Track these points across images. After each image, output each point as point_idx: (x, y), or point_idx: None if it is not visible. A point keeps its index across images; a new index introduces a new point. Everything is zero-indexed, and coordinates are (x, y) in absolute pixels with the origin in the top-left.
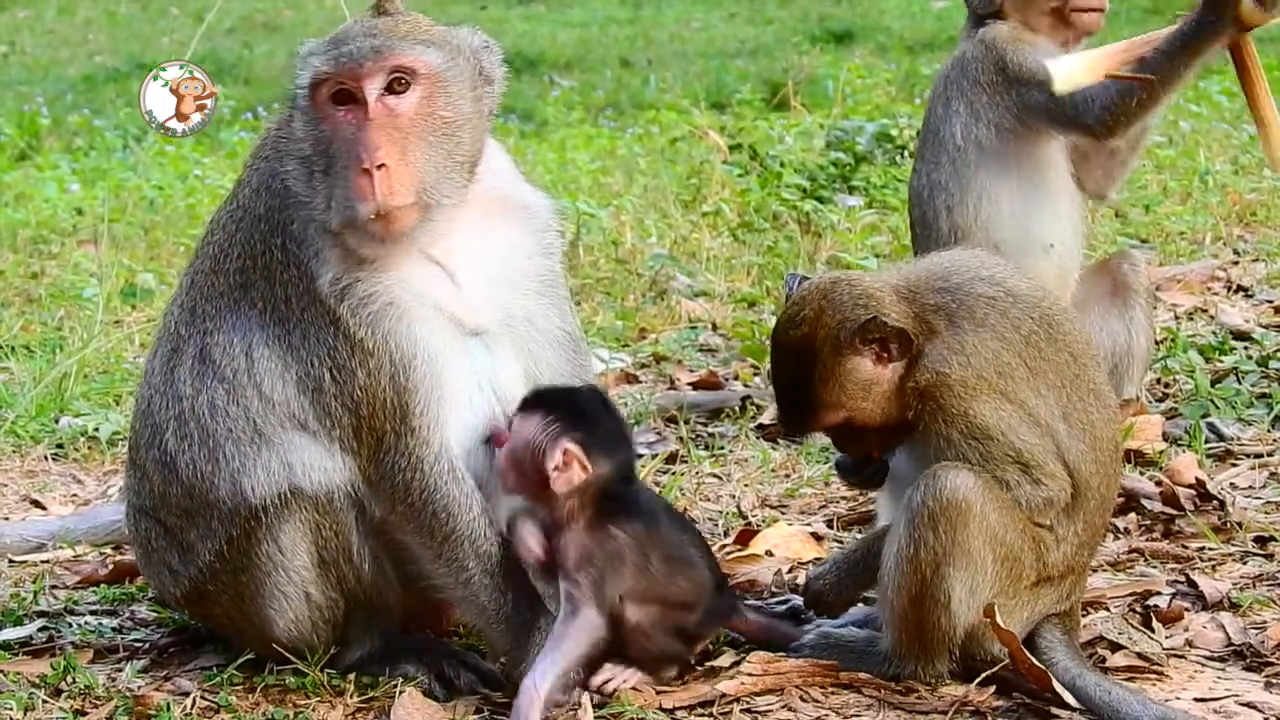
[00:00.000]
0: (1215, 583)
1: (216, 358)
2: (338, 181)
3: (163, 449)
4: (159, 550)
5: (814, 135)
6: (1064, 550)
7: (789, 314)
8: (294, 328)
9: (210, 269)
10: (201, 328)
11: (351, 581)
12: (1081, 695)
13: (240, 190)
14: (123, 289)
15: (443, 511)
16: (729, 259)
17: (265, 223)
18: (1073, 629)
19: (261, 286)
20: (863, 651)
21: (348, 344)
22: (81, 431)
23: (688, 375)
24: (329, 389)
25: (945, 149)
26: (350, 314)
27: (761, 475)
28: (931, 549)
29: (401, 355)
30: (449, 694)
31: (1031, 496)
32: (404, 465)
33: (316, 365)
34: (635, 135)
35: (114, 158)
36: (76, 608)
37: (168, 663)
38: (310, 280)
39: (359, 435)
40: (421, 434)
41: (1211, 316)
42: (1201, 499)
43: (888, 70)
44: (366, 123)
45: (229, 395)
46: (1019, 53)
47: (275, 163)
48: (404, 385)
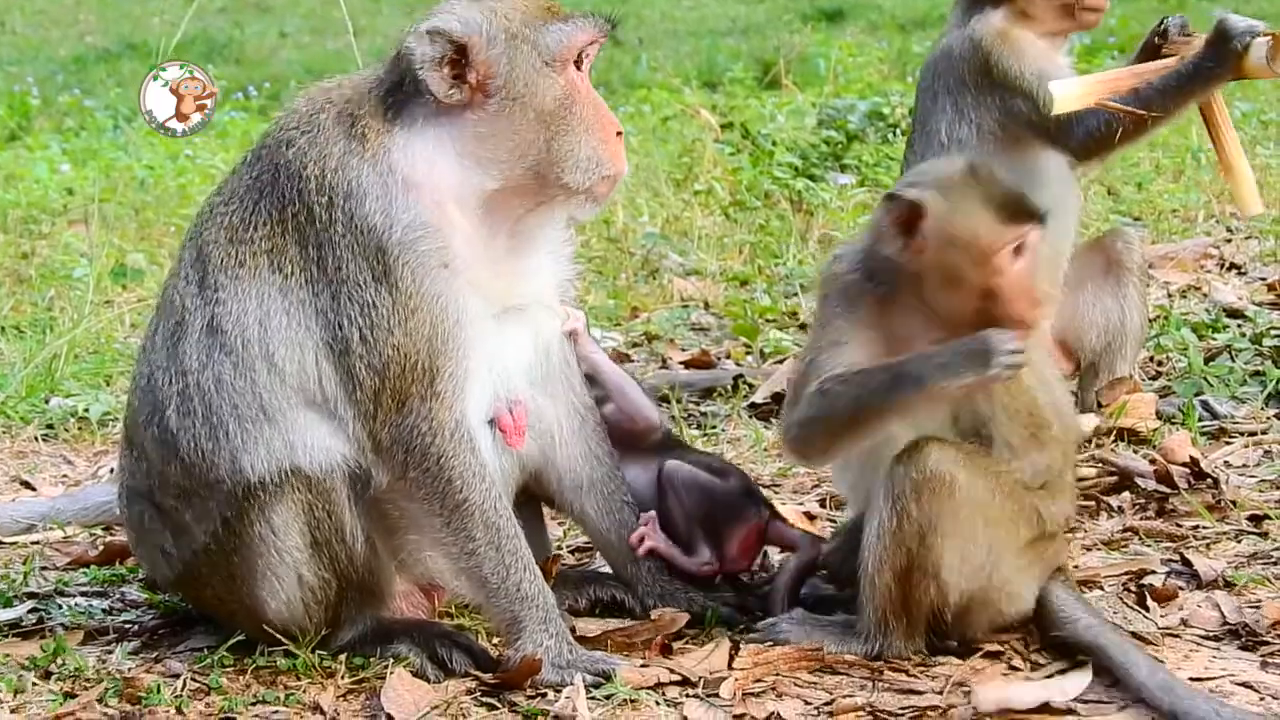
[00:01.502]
0: (1210, 561)
1: (227, 328)
2: (583, 143)
3: (163, 426)
4: (152, 532)
5: (806, 113)
6: (1060, 505)
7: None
8: (323, 290)
9: (228, 240)
10: (213, 298)
11: (344, 562)
12: (1101, 654)
13: (256, 162)
14: (113, 269)
15: (458, 479)
16: (721, 237)
17: (302, 185)
18: (1072, 584)
19: (292, 251)
20: (842, 632)
21: (392, 300)
22: (72, 412)
23: (680, 354)
24: (356, 349)
25: (932, 144)
26: (408, 269)
27: (754, 455)
28: (915, 521)
29: (444, 318)
30: (441, 675)
31: (1036, 465)
32: (424, 429)
33: (346, 325)
34: (627, 114)
35: (104, 138)
36: (66, 589)
37: (158, 644)
38: (368, 234)
39: (378, 399)
40: (446, 398)
41: (1205, 294)
42: (1195, 477)
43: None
44: (593, 90)
45: (236, 369)
46: (1005, 57)
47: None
48: (439, 348)
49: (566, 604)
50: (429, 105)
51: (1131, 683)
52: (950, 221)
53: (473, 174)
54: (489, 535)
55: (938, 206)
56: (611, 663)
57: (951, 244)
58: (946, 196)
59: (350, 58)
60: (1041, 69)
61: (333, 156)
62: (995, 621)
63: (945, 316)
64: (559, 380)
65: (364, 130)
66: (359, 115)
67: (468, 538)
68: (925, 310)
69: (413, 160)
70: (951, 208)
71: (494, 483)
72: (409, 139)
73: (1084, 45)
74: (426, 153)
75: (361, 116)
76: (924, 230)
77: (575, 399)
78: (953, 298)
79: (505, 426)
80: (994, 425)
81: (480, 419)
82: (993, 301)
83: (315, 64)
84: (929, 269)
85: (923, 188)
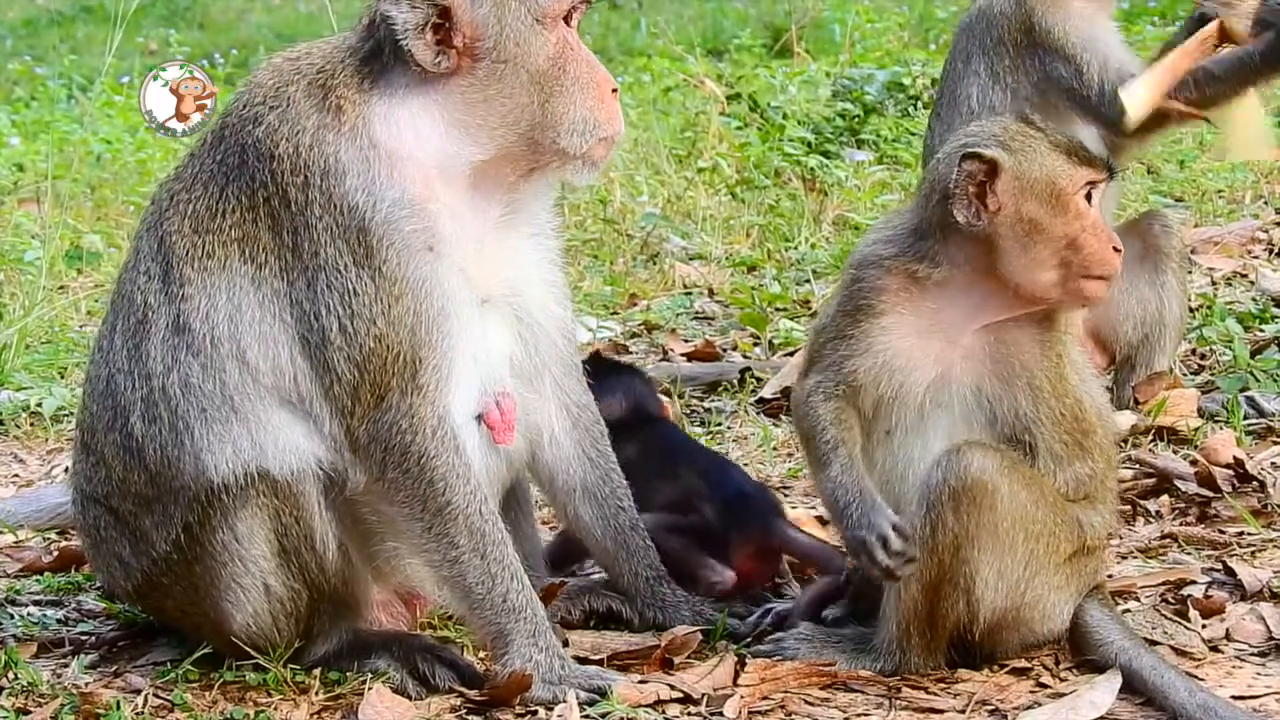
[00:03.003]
0: (1255, 571)
1: (195, 326)
2: (577, 103)
3: (126, 433)
4: (109, 540)
5: (819, 84)
6: (1104, 515)
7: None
8: (298, 278)
9: (192, 230)
10: (178, 294)
11: (314, 571)
12: (1136, 678)
13: (220, 143)
14: (67, 252)
15: (440, 480)
16: (727, 219)
17: (274, 166)
18: (1109, 600)
19: (265, 238)
20: (855, 648)
21: (375, 286)
22: (23, 406)
23: (682, 345)
24: (334, 341)
25: (960, 111)
26: (392, 250)
27: (762, 454)
28: (950, 531)
29: (428, 305)
30: (424, 691)
31: (1079, 475)
32: (405, 426)
33: (324, 315)
34: (625, 84)
35: (58, 109)
36: (18, 598)
37: (118, 657)
38: (349, 214)
39: (357, 393)
40: (428, 393)
41: (1251, 282)
42: (1240, 480)
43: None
44: (584, 47)
45: (205, 370)
46: (1050, 17)
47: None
48: (421, 338)
49: (559, 616)
50: (411, 73)
51: (1169, 705)
52: (1024, 171)
53: (461, 144)
54: (473, 541)
55: (1009, 160)
56: (607, 678)
57: (1030, 194)
58: (1014, 149)
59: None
60: (1088, 33)
61: (306, 132)
62: (1026, 641)
63: (1020, 284)
64: (547, 374)
65: (339, 102)
66: (332, 86)
67: (450, 544)
68: (985, 288)
69: (395, 132)
70: (1023, 158)
71: (479, 485)
72: (389, 109)
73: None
74: (410, 124)
75: (335, 87)
76: (998, 188)
77: (567, 396)
78: (1032, 257)
79: (493, 422)
80: (1037, 430)
81: (465, 416)
82: (1075, 252)
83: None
84: (1005, 229)
85: (989, 146)
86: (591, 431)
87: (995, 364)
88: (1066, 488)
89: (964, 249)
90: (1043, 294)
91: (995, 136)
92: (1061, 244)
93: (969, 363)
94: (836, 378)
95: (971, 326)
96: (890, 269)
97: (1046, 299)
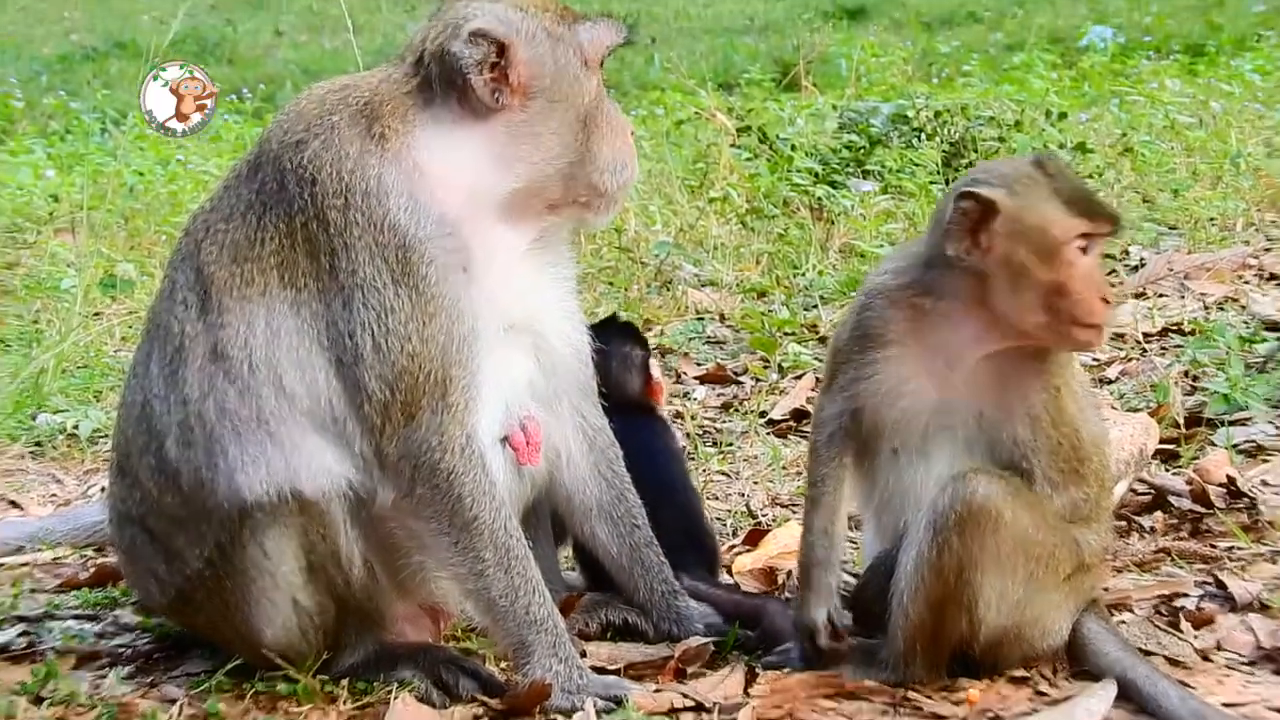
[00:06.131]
0: (1245, 583)
1: (232, 353)
2: (612, 144)
3: (161, 457)
4: (144, 558)
5: (826, 117)
6: (1099, 534)
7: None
8: (335, 297)
9: (231, 259)
10: (216, 323)
11: (341, 586)
12: (1131, 686)
13: (257, 172)
14: (102, 280)
15: (467, 496)
16: (737, 247)
17: (315, 190)
18: (1104, 614)
19: (303, 263)
20: (861, 659)
21: (411, 302)
22: (60, 429)
23: (695, 369)
24: (367, 358)
25: None
26: (432, 268)
27: (771, 473)
28: (956, 554)
29: (460, 325)
30: (447, 700)
31: (1075, 499)
32: (434, 444)
33: (359, 333)
34: (639, 117)
35: (91, 142)
36: (57, 612)
37: (153, 669)
38: (390, 232)
39: (388, 411)
40: (457, 412)
41: (1243, 306)
42: (1231, 496)
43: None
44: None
45: (242, 396)
46: None
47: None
48: (452, 357)
49: (577, 628)
50: (459, 108)
51: (1163, 713)
52: (1020, 215)
53: (499, 176)
54: (498, 556)
55: (1007, 202)
56: (624, 688)
57: (1021, 238)
58: (1015, 191)
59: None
60: None
61: (349, 157)
62: (1026, 655)
63: (1011, 322)
64: (564, 399)
65: (384, 130)
66: (378, 115)
67: (476, 558)
68: (982, 320)
69: (438, 160)
70: (1021, 202)
71: (504, 502)
72: (433, 139)
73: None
74: (453, 153)
75: (381, 117)
76: (993, 227)
77: (583, 419)
78: (1021, 298)
79: (518, 443)
80: (1035, 458)
81: (492, 436)
82: (1061, 299)
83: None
84: (996, 268)
85: (991, 186)
86: (607, 453)
87: (996, 393)
88: (1063, 511)
89: (962, 281)
90: (1033, 333)
91: (1002, 177)
92: (1048, 290)
93: (971, 390)
94: (847, 404)
95: (973, 355)
96: (895, 300)
97: (1038, 338)
